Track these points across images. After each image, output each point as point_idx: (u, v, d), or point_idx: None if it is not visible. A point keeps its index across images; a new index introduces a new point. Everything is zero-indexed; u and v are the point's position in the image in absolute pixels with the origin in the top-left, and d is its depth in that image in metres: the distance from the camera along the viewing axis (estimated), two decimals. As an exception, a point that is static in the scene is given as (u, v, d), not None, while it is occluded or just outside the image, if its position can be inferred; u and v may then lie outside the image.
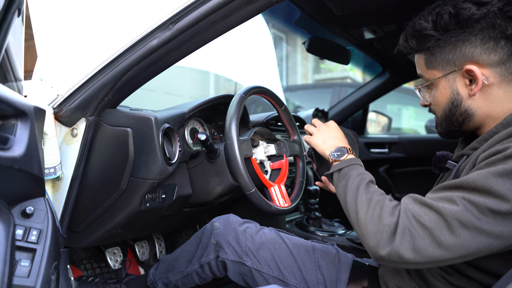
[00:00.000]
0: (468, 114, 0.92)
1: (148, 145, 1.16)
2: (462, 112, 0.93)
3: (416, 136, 2.83)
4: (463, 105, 0.92)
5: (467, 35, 0.87)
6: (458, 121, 0.95)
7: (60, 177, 1.17)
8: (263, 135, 1.51)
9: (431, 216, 0.75)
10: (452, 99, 0.93)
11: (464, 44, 0.88)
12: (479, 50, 0.87)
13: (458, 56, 0.89)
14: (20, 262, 0.82)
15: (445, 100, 0.95)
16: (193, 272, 1.28)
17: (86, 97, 1.12)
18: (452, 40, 0.89)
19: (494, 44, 0.86)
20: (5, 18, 0.78)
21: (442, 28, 0.89)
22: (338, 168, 1.00)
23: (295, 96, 5.40)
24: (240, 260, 1.17)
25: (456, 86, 0.92)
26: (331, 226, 2.01)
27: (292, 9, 1.57)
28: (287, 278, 1.14)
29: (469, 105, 0.91)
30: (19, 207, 0.88)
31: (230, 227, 1.22)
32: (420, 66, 0.98)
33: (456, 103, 0.93)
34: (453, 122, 0.96)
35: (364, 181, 0.92)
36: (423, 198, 0.80)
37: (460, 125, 0.95)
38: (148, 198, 1.23)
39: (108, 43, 1.10)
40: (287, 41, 8.08)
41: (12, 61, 1.09)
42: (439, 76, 0.94)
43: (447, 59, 0.91)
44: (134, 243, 1.75)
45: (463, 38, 0.88)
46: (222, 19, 1.01)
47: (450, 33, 0.89)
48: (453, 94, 0.93)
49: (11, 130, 0.82)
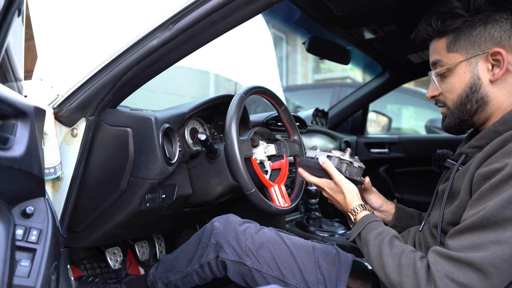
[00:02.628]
0: (484, 101, 0.90)
1: (148, 145, 1.16)
2: (479, 99, 0.91)
3: (416, 136, 2.83)
4: (481, 91, 0.90)
5: (498, 17, 0.86)
6: (472, 109, 0.92)
7: (60, 177, 1.17)
8: (263, 135, 1.51)
9: (464, 271, 0.73)
10: (471, 84, 0.91)
11: (493, 26, 0.87)
12: (508, 34, 0.86)
13: (486, 39, 0.87)
14: (20, 262, 0.82)
15: (463, 86, 0.92)
16: (193, 272, 1.28)
17: (86, 97, 1.12)
18: (482, 21, 0.87)
19: None
20: (5, 18, 0.78)
21: (475, 8, 0.87)
22: (356, 234, 1.01)
23: (295, 96, 5.39)
24: (240, 260, 1.17)
25: (478, 70, 0.90)
26: (331, 226, 2.01)
27: (292, 9, 1.57)
28: (287, 278, 1.14)
29: (487, 92, 0.90)
30: (19, 207, 0.88)
31: (230, 227, 1.22)
32: (438, 51, 0.95)
33: (475, 89, 0.91)
34: (466, 110, 0.93)
35: (384, 243, 0.90)
36: (449, 252, 0.77)
37: (472, 114, 0.93)
38: (148, 198, 1.23)
39: (108, 43, 1.10)
40: (287, 41, 8.07)
41: (12, 61, 1.09)
42: (460, 59, 0.91)
43: (472, 41, 0.89)
44: (134, 243, 1.75)
45: (493, 20, 0.86)
46: (222, 19, 1.01)
47: (481, 14, 0.87)
48: (473, 78, 0.90)
49: (11, 130, 0.82)
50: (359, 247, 1.01)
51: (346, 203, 1.08)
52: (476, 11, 0.88)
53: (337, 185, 1.09)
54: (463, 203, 0.86)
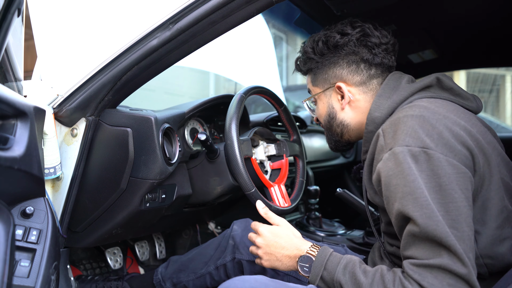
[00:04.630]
0: (344, 124, 1.09)
1: (148, 145, 1.16)
2: (338, 123, 1.10)
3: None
4: (338, 117, 1.10)
5: (337, 58, 1.07)
6: (337, 132, 1.11)
7: (60, 177, 1.16)
8: (263, 135, 1.51)
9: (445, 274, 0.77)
10: (329, 112, 1.11)
11: (335, 66, 1.07)
12: (346, 71, 1.06)
13: (331, 76, 1.08)
14: (20, 262, 0.82)
15: (324, 113, 1.13)
16: (207, 274, 1.30)
17: (86, 97, 1.12)
18: (327, 62, 1.08)
19: (356, 67, 1.05)
20: (5, 18, 0.78)
21: (319, 52, 1.08)
22: (318, 279, 0.91)
23: (295, 96, 5.39)
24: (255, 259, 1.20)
25: (331, 100, 1.10)
26: (331, 226, 2.00)
27: (292, 9, 1.57)
28: (300, 276, 1.17)
29: (343, 117, 1.09)
30: (19, 207, 0.88)
31: (247, 229, 1.29)
32: (308, 83, 1.17)
33: (332, 116, 1.11)
34: (333, 133, 1.13)
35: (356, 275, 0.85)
36: (425, 261, 0.78)
37: (340, 135, 1.12)
38: (148, 198, 1.22)
39: (108, 43, 1.10)
40: (287, 41, 8.06)
41: (12, 61, 1.08)
42: (319, 92, 1.12)
43: (325, 78, 1.10)
44: (134, 243, 1.75)
45: (334, 61, 1.07)
46: (222, 19, 1.01)
47: (325, 56, 1.08)
48: (329, 108, 1.11)
49: (11, 130, 0.81)
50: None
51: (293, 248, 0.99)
52: (320, 54, 1.08)
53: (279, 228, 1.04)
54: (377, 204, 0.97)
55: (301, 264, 0.95)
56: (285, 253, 0.99)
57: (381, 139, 0.89)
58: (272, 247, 1.01)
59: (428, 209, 0.77)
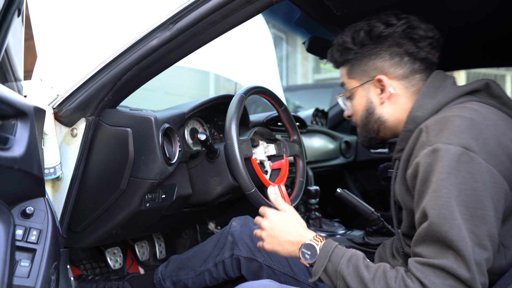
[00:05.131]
0: (381, 121, 1.05)
1: (148, 145, 1.16)
2: (376, 119, 1.05)
3: (416, 136, 2.82)
4: (376, 112, 1.05)
5: (379, 50, 1.02)
6: (374, 128, 1.07)
7: (60, 177, 1.16)
8: (263, 135, 1.51)
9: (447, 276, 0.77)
10: (367, 107, 1.06)
11: (376, 57, 1.02)
12: (388, 63, 1.01)
13: (372, 68, 1.03)
14: (20, 262, 0.82)
15: (362, 108, 1.07)
16: (206, 271, 1.30)
17: (86, 97, 1.12)
18: (367, 53, 1.03)
19: (400, 59, 1.00)
20: (5, 18, 0.78)
21: (359, 42, 1.04)
22: (321, 270, 0.90)
23: (295, 96, 5.39)
24: (252, 256, 1.22)
25: (370, 94, 1.05)
26: (331, 226, 2.00)
27: (292, 9, 1.56)
28: (297, 275, 1.19)
29: (381, 113, 1.04)
30: (19, 207, 0.88)
31: (246, 226, 1.29)
32: (343, 76, 1.12)
33: (371, 111, 1.06)
34: (369, 129, 1.08)
35: (360, 268, 0.85)
36: (430, 260, 0.78)
37: (376, 132, 1.07)
38: (148, 198, 1.23)
39: (108, 43, 1.10)
40: (287, 41, 8.07)
41: (12, 61, 1.08)
42: (357, 85, 1.07)
43: (363, 70, 1.05)
44: (134, 243, 1.75)
45: (375, 52, 1.02)
46: (222, 19, 1.01)
47: (365, 47, 1.03)
48: (367, 102, 1.06)
49: (11, 130, 0.81)
50: (326, 283, 0.90)
51: (298, 235, 0.98)
52: (361, 44, 1.04)
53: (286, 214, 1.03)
54: (406, 205, 0.94)
55: (303, 251, 0.94)
56: (288, 238, 0.98)
57: (424, 135, 0.87)
58: (277, 231, 1.00)
59: (447, 210, 0.76)
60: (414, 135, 0.91)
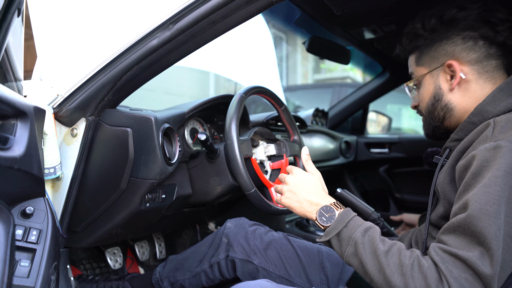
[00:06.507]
0: (449, 108, 1.01)
1: (148, 145, 1.16)
2: (443, 106, 1.01)
3: (416, 136, 2.83)
4: (444, 99, 1.01)
5: (450, 34, 0.98)
6: (440, 116, 1.03)
7: (60, 177, 1.16)
8: (263, 135, 1.51)
9: (465, 267, 0.74)
10: (434, 94, 1.03)
11: (447, 42, 0.99)
12: (460, 48, 0.97)
13: (442, 53, 1.00)
14: (20, 262, 0.82)
15: (429, 96, 1.04)
16: (201, 272, 1.30)
17: (86, 97, 1.12)
18: (438, 39, 1.00)
19: (473, 43, 0.96)
20: (5, 18, 0.78)
21: (430, 28, 1.01)
22: (335, 233, 0.88)
23: (295, 96, 5.39)
24: (248, 258, 1.22)
25: (438, 81, 1.02)
26: (331, 226, 2.00)
27: (292, 9, 1.56)
28: (292, 278, 1.18)
29: (449, 100, 1.00)
30: (19, 207, 0.88)
31: (241, 227, 1.28)
32: (411, 65, 1.09)
33: (438, 97, 1.02)
34: (435, 117, 1.04)
35: (376, 240, 0.83)
36: (453, 250, 0.75)
37: (441, 120, 1.03)
38: (148, 198, 1.23)
39: (108, 43, 1.10)
40: (287, 41, 8.07)
41: (12, 61, 1.08)
42: (425, 72, 1.04)
43: (433, 56, 1.02)
44: (134, 243, 1.75)
45: (447, 37, 0.99)
46: (222, 19, 1.01)
47: (436, 32, 1.00)
48: (435, 89, 1.02)
49: (11, 130, 0.81)
50: (332, 245, 0.89)
51: (318, 197, 0.97)
52: (432, 30, 1.01)
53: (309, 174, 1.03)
54: (445, 195, 0.91)
55: (321, 212, 0.92)
56: (308, 198, 0.97)
57: (490, 130, 0.83)
58: (299, 188, 0.99)
59: (492, 207, 0.73)
60: (479, 129, 0.86)
